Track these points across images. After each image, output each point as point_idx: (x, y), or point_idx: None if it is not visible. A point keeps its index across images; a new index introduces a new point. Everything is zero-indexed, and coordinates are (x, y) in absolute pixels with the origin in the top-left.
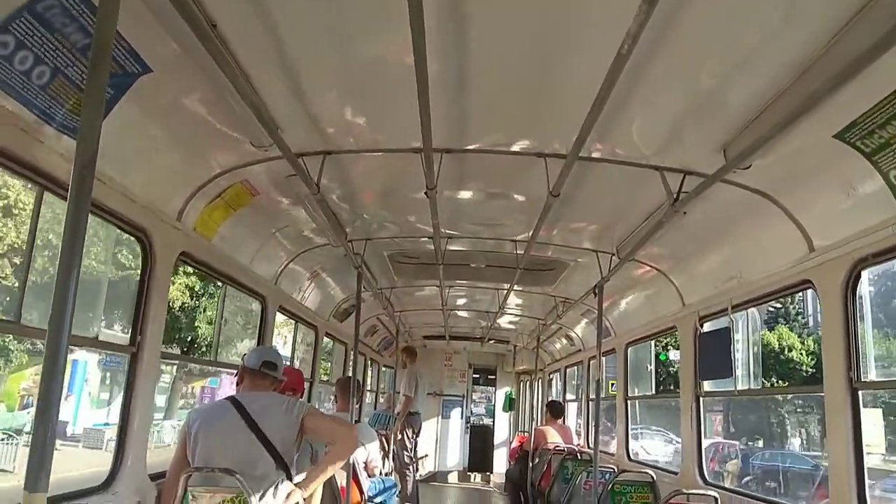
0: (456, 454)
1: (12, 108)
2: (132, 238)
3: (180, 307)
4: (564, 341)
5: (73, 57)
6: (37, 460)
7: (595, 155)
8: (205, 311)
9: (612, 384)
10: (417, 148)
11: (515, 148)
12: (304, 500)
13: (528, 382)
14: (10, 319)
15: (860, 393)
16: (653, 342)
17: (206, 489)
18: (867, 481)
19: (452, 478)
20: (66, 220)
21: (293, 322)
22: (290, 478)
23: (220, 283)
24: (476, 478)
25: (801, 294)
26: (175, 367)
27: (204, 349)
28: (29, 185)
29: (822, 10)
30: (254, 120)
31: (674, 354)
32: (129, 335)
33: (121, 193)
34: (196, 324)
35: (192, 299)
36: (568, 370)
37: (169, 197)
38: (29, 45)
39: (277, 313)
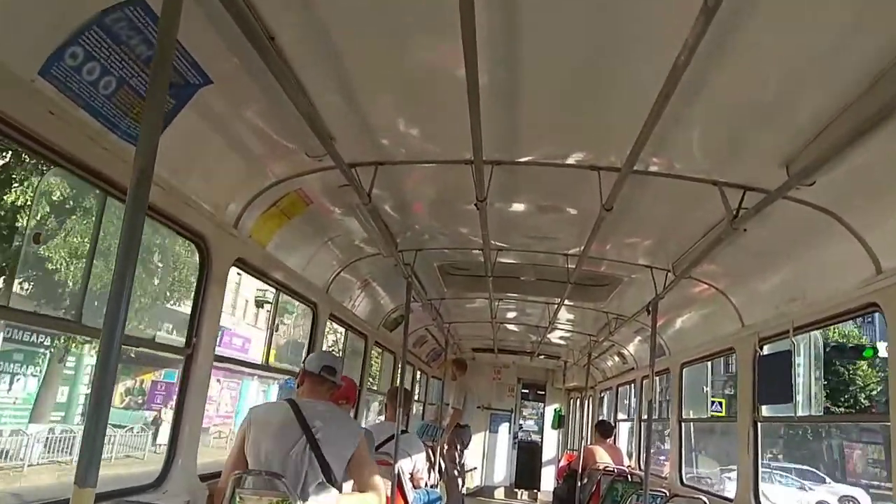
0: (503, 469)
1: (80, 116)
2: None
3: None
4: (617, 359)
5: (138, 68)
6: (87, 456)
7: (651, 168)
8: None
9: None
10: (468, 159)
11: (568, 160)
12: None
13: (578, 399)
14: (72, 319)
15: None
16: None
17: (254, 492)
18: None
19: (499, 493)
20: (123, 223)
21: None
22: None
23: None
24: (523, 495)
25: None
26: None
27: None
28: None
29: (893, 20)
30: (309, 130)
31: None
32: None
33: (181, 200)
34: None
35: None
36: (620, 389)
37: (227, 204)
38: (97, 57)
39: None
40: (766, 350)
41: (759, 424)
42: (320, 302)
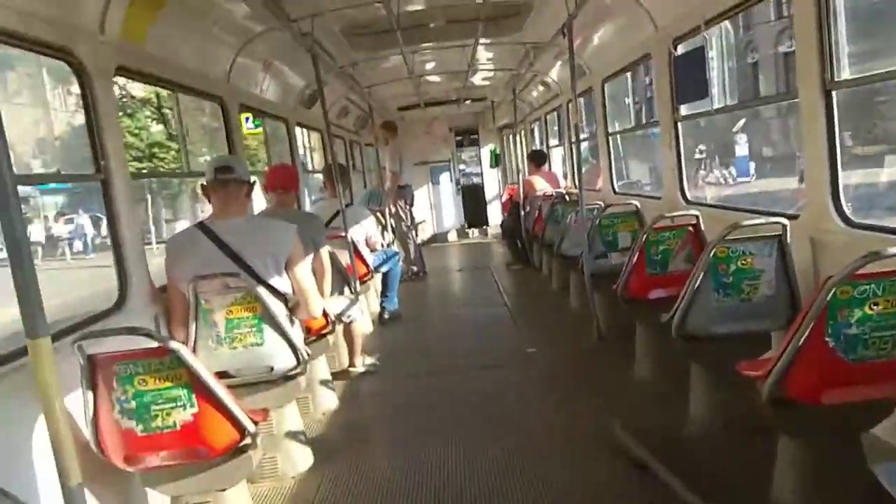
0: (451, 215)
1: None
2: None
3: None
4: (541, 88)
5: None
6: (28, 307)
7: None
8: None
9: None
10: None
11: None
12: (316, 275)
13: (510, 136)
14: None
15: (834, 93)
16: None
17: (217, 293)
18: (841, 182)
19: (452, 237)
20: None
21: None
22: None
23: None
24: (474, 233)
25: None
26: None
27: None
28: None
29: None
30: None
31: None
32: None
33: (29, 15)
34: None
35: None
36: (548, 117)
37: (84, 8)
38: None
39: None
40: (680, 50)
41: (678, 124)
42: (225, 94)
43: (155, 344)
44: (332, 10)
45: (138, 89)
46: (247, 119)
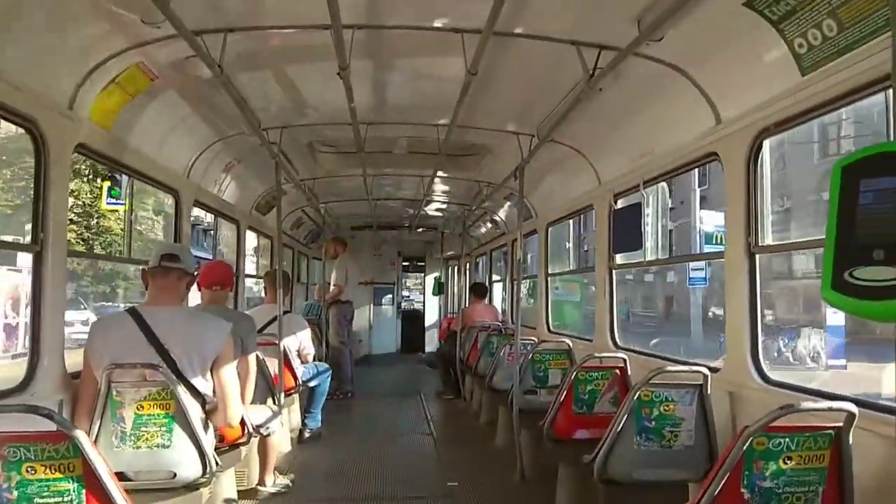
0: (389, 338)
1: None
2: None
3: None
4: (490, 225)
5: None
6: None
7: (512, 30)
8: None
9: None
10: (326, 24)
11: (431, 24)
12: (239, 378)
13: (455, 267)
14: None
15: (757, 256)
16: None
17: (132, 385)
18: (760, 338)
19: (386, 359)
20: None
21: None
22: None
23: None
24: (408, 357)
25: None
26: None
27: None
28: None
29: None
30: None
31: None
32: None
33: (2, 80)
34: None
35: None
36: (493, 253)
37: (57, 83)
38: None
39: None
40: (620, 204)
41: (613, 272)
42: (182, 188)
43: (54, 428)
44: (302, 125)
45: None
46: (108, 190)
